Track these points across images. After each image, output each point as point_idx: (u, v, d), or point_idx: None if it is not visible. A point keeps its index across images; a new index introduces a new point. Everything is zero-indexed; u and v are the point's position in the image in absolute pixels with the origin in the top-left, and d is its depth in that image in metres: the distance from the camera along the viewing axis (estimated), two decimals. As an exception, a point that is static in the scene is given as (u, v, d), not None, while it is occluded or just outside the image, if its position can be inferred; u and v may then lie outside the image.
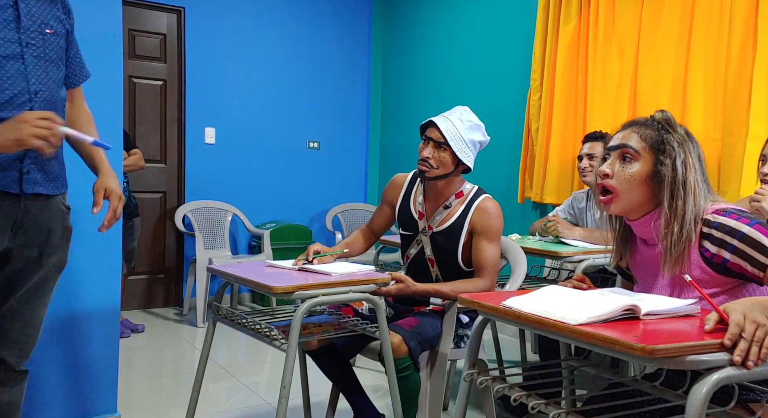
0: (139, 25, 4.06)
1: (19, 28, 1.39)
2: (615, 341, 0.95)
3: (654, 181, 1.27)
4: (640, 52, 2.98)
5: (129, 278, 3.98)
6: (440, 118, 1.94)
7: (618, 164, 1.30)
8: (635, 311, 1.08)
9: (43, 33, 1.45)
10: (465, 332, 2.02)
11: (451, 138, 1.90)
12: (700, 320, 1.08)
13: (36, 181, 1.44)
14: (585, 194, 2.73)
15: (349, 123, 4.89)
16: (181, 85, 4.22)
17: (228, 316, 1.83)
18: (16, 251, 1.46)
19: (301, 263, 1.88)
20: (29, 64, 1.40)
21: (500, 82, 3.85)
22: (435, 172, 1.94)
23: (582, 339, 1.01)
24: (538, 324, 1.09)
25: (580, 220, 2.72)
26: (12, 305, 1.50)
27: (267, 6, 4.43)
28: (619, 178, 1.28)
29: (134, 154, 3.47)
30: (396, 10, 4.78)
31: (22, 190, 1.41)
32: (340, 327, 1.84)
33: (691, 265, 1.24)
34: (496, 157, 3.84)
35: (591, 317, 1.04)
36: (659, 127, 1.29)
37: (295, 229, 4.32)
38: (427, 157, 1.93)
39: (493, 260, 1.94)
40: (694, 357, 0.94)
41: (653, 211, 1.28)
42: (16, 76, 1.37)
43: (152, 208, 4.20)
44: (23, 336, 1.53)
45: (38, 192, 1.45)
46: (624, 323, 1.06)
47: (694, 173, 1.25)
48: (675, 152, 1.26)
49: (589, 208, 2.68)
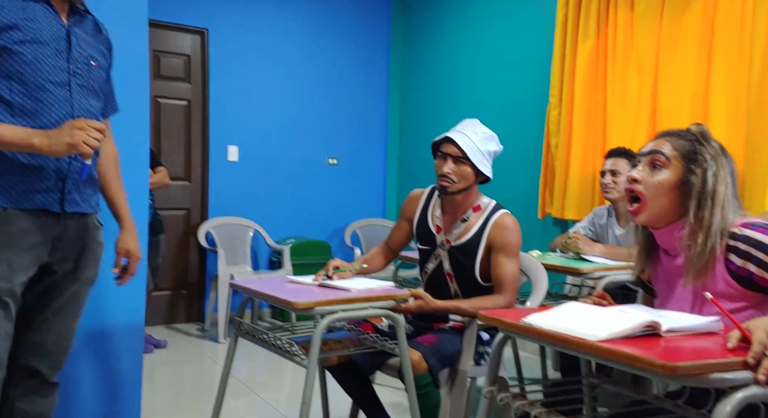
0: (164, 46, 4.17)
1: (69, 58, 1.53)
2: (635, 357, 0.95)
3: (682, 190, 1.26)
4: (659, 67, 2.97)
5: (153, 293, 4.04)
6: (455, 133, 1.95)
7: (647, 171, 1.30)
8: (656, 328, 1.08)
9: (89, 64, 1.58)
10: (485, 349, 2.01)
11: (469, 151, 1.92)
12: (722, 338, 1.07)
13: (75, 201, 1.54)
14: (606, 210, 2.71)
15: (367, 139, 4.93)
16: (204, 104, 4.31)
17: (249, 331, 1.85)
18: (54, 265, 1.55)
19: (321, 278, 1.90)
20: (74, 91, 1.53)
21: (519, 98, 3.86)
22: (457, 186, 1.96)
23: (602, 356, 1.01)
24: (558, 341, 1.09)
25: (601, 236, 2.70)
26: (47, 318, 1.58)
27: (287, 27, 4.52)
28: (646, 185, 1.28)
29: (160, 172, 3.55)
30: (414, 27, 4.83)
31: (64, 209, 1.51)
32: (359, 343, 1.85)
33: (715, 278, 1.23)
34: (516, 173, 3.84)
35: (611, 333, 1.04)
36: (693, 139, 1.30)
37: (314, 244, 4.36)
38: (447, 173, 1.94)
39: (512, 276, 1.93)
40: (717, 375, 0.93)
41: (678, 220, 1.28)
42: (62, 101, 1.50)
43: (176, 224, 4.27)
44: (57, 348, 1.60)
45: (77, 211, 1.55)
46: (645, 340, 1.05)
47: (725, 187, 1.25)
48: (707, 164, 1.26)
49: (610, 224, 2.66)
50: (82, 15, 1.61)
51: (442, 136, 1.98)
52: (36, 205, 1.47)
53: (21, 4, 1.46)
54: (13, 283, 1.44)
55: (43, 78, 1.46)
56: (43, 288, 1.56)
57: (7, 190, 1.44)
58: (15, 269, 1.44)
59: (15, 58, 1.43)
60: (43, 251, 1.51)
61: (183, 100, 4.27)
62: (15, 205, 1.44)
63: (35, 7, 1.48)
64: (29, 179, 1.45)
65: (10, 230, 1.44)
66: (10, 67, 1.43)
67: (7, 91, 1.43)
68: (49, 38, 1.48)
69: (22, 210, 1.45)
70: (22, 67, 1.43)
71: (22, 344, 1.55)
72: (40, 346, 1.58)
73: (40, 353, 1.58)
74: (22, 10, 1.46)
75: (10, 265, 1.44)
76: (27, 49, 1.44)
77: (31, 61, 1.44)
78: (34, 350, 1.57)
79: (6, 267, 1.43)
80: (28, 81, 1.44)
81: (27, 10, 1.46)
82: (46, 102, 1.47)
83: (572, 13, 3.36)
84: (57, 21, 1.52)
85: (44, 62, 1.47)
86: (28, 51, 1.44)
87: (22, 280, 1.47)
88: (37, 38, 1.46)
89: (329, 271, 1.92)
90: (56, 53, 1.50)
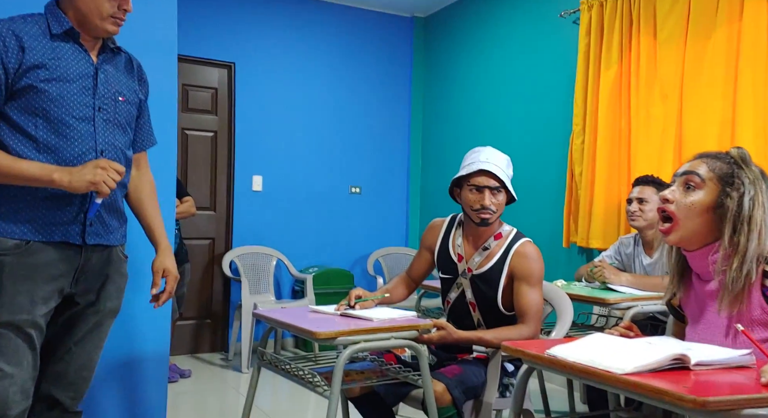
0: (192, 80, 4.29)
1: (95, 95, 1.57)
2: (664, 391, 0.93)
3: (717, 213, 1.24)
4: (684, 95, 2.95)
5: (177, 323, 4.07)
6: (488, 165, 1.93)
7: (681, 191, 1.28)
8: (685, 361, 1.05)
9: (116, 100, 1.62)
10: (510, 380, 1.98)
11: (506, 180, 1.95)
12: (755, 372, 1.04)
13: (97, 233, 1.57)
14: (632, 239, 2.67)
15: (390, 168, 4.96)
16: (230, 135, 4.40)
17: (272, 361, 1.85)
18: (77, 296, 1.58)
19: (343, 307, 1.90)
20: (99, 126, 1.57)
21: (542, 127, 3.86)
22: (496, 215, 1.97)
23: (629, 389, 0.99)
24: (583, 373, 1.07)
25: (627, 266, 2.66)
26: (70, 348, 1.60)
27: (311, 60, 4.61)
28: (679, 205, 1.27)
29: (186, 202, 3.61)
30: (436, 57, 4.90)
31: (85, 241, 1.54)
32: (382, 374, 1.83)
33: (751, 304, 1.20)
34: (540, 201, 3.81)
35: (638, 366, 1.02)
36: (732, 162, 1.28)
37: (337, 273, 4.36)
38: (489, 205, 1.93)
39: (536, 306, 1.91)
40: (751, 411, 0.90)
41: (712, 243, 1.25)
42: (86, 136, 1.54)
43: (201, 254, 4.32)
44: (79, 378, 1.62)
45: (99, 243, 1.58)
46: (674, 373, 1.02)
47: (763, 212, 1.22)
48: (744, 188, 1.24)
49: (638, 253, 2.62)
50: (114, 52, 1.66)
51: (476, 170, 1.93)
52: (57, 237, 1.50)
53: (50, 45, 1.51)
54: (35, 315, 1.47)
55: (67, 114, 1.51)
56: (66, 319, 1.59)
57: (30, 223, 1.47)
58: (37, 300, 1.47)
59: (40, 95, 1.47)
60: (65, 283, 1.54)
61: (209, 131, 4.37)
62: (37, 238, 1.48)
63: (64, 46, 1.53)
64: (51, 212, 1.49)
65: (33, 263, 1.47)
66: (36, 104, 1.47)
67: (32, 127, 1.48)
68: (75, 76, 1.53)
69: (45, 243, 1.49)
70: (47, 104, 1.48)
71: (44, 374, 1.57)
72: (62, 376, 1.59)
73: (61, 383, 1.60)
74: (51, 50, 1.51)
75: (33, 297, 1.47)
76: (52, 87, 1.49)
77: (56, 99, 1.49)
78: (56, 380, 1.59)
79: (28, 299, 1.46)
80: (52, 117, 1.49)
81: (56, 50, 1.52)
82: (69, 137, 1.51)
83: (594, 41, 3.38)
84: (86, 59, 1.57)
85: (69, 99, 1.51)
86: (53, 89, 1.49)
87: (44, 311, 1.50)
88: (63, 76, 1.50)
89: (351, 300, 1.92)
90: (82, 90, 1.54)
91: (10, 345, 1.45)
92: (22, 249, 1.46)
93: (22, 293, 1.45)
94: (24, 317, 1.45)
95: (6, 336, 1.44)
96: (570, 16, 3.60)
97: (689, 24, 2.91)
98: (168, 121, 2.25)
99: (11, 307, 1.44)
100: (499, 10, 4.24)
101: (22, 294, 1.45)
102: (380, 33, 4.88)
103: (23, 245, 1.47)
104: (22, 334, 1.46)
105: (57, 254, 1.51)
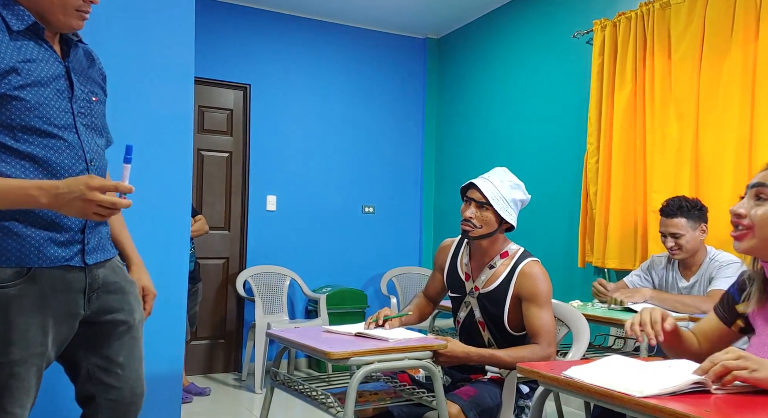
0: (208, 102, 4.35)
1: (71, 98, 1.40)
2: (684, 415, 0.90)
3: None
4: (700, 114, 2.93)
5: (191, 342, 4.07)
6: (480, 180, 1.98)
7: (752, 204, 1.24)
8: (706, 385, 1.03)
9: (90, 101, 1.46)
10: (525, 403, 1.94)
11: (492, 198, 1.93)
12: (779, 395, 1.01)
13: (95, 249, 1.45)
14: (666, 258, 2.60)
15: (403, 188, 4.97)
16: (245, 156, 4.44)
17: (285, 382, 1.83)
18: (98, 316, 1.47)
19: (372, 326, 1.91)
20: (81, 133, 1.41)
21: (556, 146, 3.85)
22: (479, 231, 1.96)
23: (648, 412, 0.96)
24: (600, 396, 1.05)
25: (660, 286, 2.59)
26: (118, 374, 1.49)
27: (325, 81, 4.67)
28: (753, 218, 1.23)
29: (198, 220, 3.66)
30: (449, 77, 4.93)
31: (85, 262, 1.42)
32: (396, 395, 1.81)
33: None
34: (555, 221, 3.79)
35: (657, 389, 1.00)
36: None
37: (350, 293, 4.34)
38: (470, 218, 1.96)
39: (547, 326, 1.89)
40: (775, 436, 0.88)
41: None
42: (74, 145, 1.39)
43: (215, 273, 4.34)
44: (135, 397, 1.52)
45: (98, 261, 1.46)
46: (694, 397, 1.00)
47: None
48: None
49: (676, 278, 2.54)
50: (75, 46, 1.46)
51: (468, 182, 2.00)
52: (58, 262, 1.36)
53: (14, 45, 1.31)
54: (47, 346, 1.36)
55: (47, 123, 1.34)
56: (98, 344, 1.48)
57: (29, 249, 1.33)
58: (47, 330, 1.35)
59: (16, 104, 1.30)
60: (78, 306, 1.42)
61: (225, 152, 4.42)
62: (38, 264, 1.34)
63: (29, 45, 1.34)
64: (50, 234, 1.35)
65: (39, 291, 1.34)
66: (12, 115, 1.29)
67: (11, 141, 1.30)
68: (48, 78, 1.35)
69: (48, 268, 1.35)
70: (24, 114, 1.30)
71: (99, 408, 1.48)
72: (118, 403, 1.49)
73: (119, 408, 1.49)
74: (17, 51, 1.31)
75: (44, 327, 1.35)
76: (28, 93, 1.31)
77: (34, 107, 1.32)
78: (113, 409, 1.49)
79: (40, 331, 1.34)
80: (33, 128, 1.32)
81: (22, 50, 1.32)
82: (57, 148, 1.35)
83: (608, 61, 3.38)
84: (54, 57, 1.39)
85: (47, 105, 1.34)
86: (30, 95, 1.31)
87: (59, 340, 1.39)
88: (37, 80, 1.33)
89: (380, 319, 1.92)
90: (57, 94, 1.37)
91: (23, 386, 1.33)
92: (24, 277, 1.32)
93: (33, 325, 1.33)
94: (38, 350, 1.34)
95: (19, 377, 1.32)
96: (583, 37, 3.61)
97: (704, 43, 2.90)
98: (184, 142, 2.27)
99: (24, 342, 1.31)
100: (512, 31, 4.26)
101: (34, 327, 1.33)
102: (394, 54, 4.93)
103: (24, 272, 1.32)
104: (34, 369, 1.34)
105: (62, 279, 1.38)
